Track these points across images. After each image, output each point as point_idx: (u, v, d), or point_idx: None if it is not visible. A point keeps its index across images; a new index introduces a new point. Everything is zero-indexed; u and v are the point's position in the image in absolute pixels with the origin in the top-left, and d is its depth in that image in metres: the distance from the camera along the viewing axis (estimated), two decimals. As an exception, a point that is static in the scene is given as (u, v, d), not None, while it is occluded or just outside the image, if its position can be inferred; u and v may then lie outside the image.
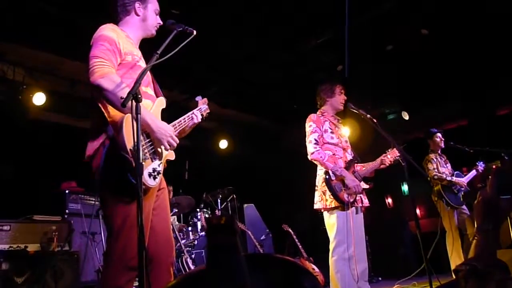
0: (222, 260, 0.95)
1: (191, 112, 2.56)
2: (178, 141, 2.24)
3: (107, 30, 2.22)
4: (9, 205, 4.50)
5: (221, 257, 0.96)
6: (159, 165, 2.18)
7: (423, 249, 3.21)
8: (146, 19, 2.42)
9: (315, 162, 3.67)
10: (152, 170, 2.10)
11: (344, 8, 4.82)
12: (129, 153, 1.96)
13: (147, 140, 2.15)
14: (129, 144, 1.96)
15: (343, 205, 3.50)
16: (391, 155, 3.72)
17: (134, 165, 1.88)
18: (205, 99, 2.78)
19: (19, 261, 3.63)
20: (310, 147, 3.68)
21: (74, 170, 4.95)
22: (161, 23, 2.47)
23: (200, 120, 2.59)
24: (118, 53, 2.18)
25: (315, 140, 3.68)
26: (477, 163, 5.32)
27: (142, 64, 2.33)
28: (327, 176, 3.56)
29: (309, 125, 3.80)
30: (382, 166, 3.76)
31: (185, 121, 2.46)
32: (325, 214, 3.66)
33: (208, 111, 2.76)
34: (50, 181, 5.19)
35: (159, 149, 2.19)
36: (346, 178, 3.55)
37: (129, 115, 2.00)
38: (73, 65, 5.44)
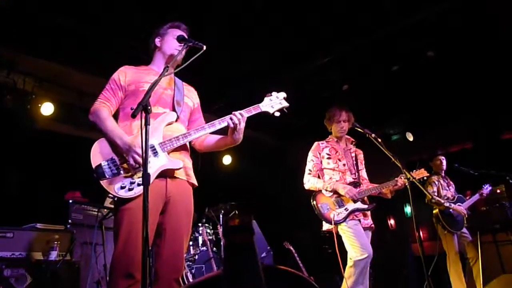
0: (238, 259, 0.96)
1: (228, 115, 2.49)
2: (139, 162, 2.23)
3: (114, 73, 2.56)
4: (13, 212, 4.52)
5: (237, 257, 0.96)
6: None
7: (426, 271, 3.20)
8: (162, 47, 2.65)
9: (311, 189, 3.87)
10: (129, 183, 2.20)
11: (351, 27, 4.90)
12: (94, 171, 2.20)
13: (123, 156, 2.27)
14: (94, 164, 2.23)
15: (331, 224, 3.61)
16: (404, 180, 3.71)
17: (100, 181, 2.17)
18: (282, 93, 2.66)
19: (20, 269, 3.63)
20: (304, 178, 3.94)
21: (79, 180, 4.98)
22: (181, 45, 2.58)
23: (242, 121, 2.51)
24: (118, 88, 2.50)
25: (309, 170, 3.95)
26: (483, 186, 5.28)
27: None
28: (313, 201, 3.75)
29: (308, 155, 4.02)
30: (395, 187, 3.78)
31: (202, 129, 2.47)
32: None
33: (283, 105, 2.61)
34: (55, 190, 5.21)
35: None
36: (338, 188, 3.69)
37: (100, 140, 2.32)
38: (82, 77, 5.52)
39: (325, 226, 3.74)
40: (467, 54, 5.57)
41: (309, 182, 3.89)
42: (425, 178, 3.77)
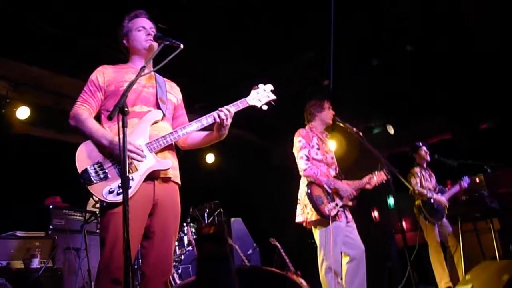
0: (212, 269, 0.94)
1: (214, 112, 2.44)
2: (141, 154, 2.20)
3: (92, 74, 2.49)
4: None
5: (211, 266, 0.95)
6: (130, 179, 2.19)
7: (409, 262, 3.24)
8: (132, 45, 2.56)
9: (308, 178, 3.70)
10: (117, 187, 2.14)
11: (330, 22, 4.91)
12: (80, 176, 2.13)
13: (110, 158, 2.20)
14: (80, 168, 2.16)
15: (323, 218, 3.52)
16: (377, 177, 3.74)
17: (87, 186, 2.12)
18: (269, 85, 2.66)
19: (1, 279, 3.54)
20: (302, 164, 3.73)
21: (59, 185, 4.89)
22: (151, 33, 2.53)
23: (229, 117, 2.44)
24: (97, 89, 2.43)
25: (306, 156, 3.74)
26: (462, 178, 5.38)
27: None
28: (308, 190, 3.60)
29: (299, 140, 3.84)
30: (367, 186, 3.77)
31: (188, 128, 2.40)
32: (313, 229, 3.68)
33: (271, 98, 2.59)
34: (34, 196, 5.10)
35: (132, 164, 2.20)
36: (340, 189, 3.64)
37: (85, 142, 2.24)
38: (59, 79, 5.41)
39: (299, 218, 3.71)
40: (445, 47, 5.64)
41: (311, 170, 3.67)
42: (384, 181, 3.75)
